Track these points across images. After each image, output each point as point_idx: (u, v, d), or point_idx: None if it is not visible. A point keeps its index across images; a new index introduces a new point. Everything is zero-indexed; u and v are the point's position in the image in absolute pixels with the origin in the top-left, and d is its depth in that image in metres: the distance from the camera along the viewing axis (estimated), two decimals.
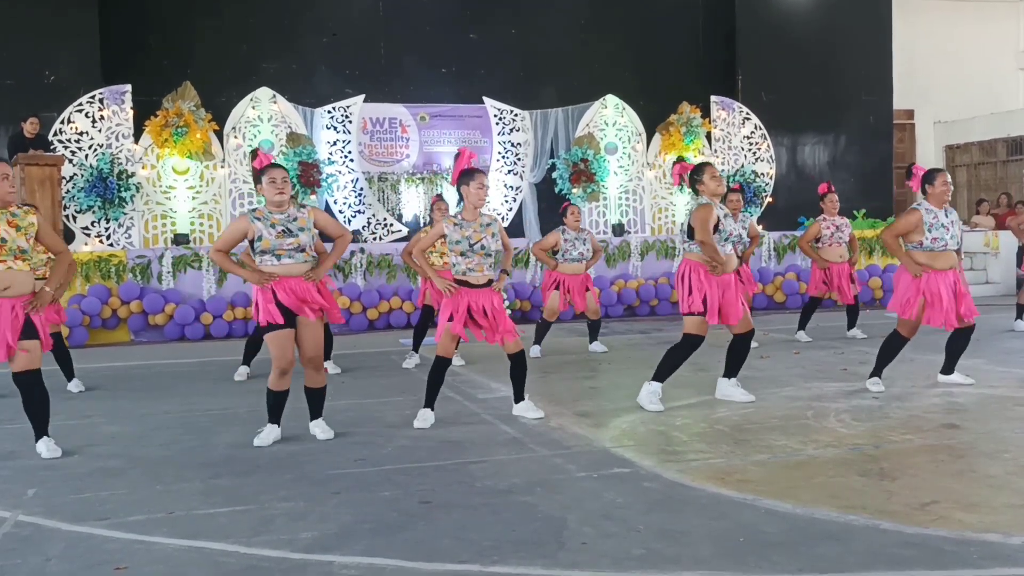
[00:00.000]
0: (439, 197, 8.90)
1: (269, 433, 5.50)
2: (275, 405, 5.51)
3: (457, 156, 6.03)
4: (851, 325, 9.97)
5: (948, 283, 6.48)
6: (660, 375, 6.23)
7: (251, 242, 5.40)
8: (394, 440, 5.51)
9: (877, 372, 6.75)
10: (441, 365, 5.90)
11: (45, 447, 5.33)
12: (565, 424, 5.84)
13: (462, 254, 5.84)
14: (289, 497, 4.38)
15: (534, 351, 8.96)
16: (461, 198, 5.94)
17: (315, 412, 5.68)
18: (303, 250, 5.37)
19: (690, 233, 6.13)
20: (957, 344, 6.77)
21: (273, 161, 5.95)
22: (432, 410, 5.93)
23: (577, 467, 4.79)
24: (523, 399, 6.11)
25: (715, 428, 5.64)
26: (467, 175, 5.84)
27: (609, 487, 4.41)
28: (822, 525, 3.79)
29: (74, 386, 7.68)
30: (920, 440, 5.21)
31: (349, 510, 4.15)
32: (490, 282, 5.90)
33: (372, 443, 5.45)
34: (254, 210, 5.44)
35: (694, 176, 6.25)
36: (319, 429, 5.64)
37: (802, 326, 9.90)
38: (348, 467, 4.91)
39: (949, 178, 6.64)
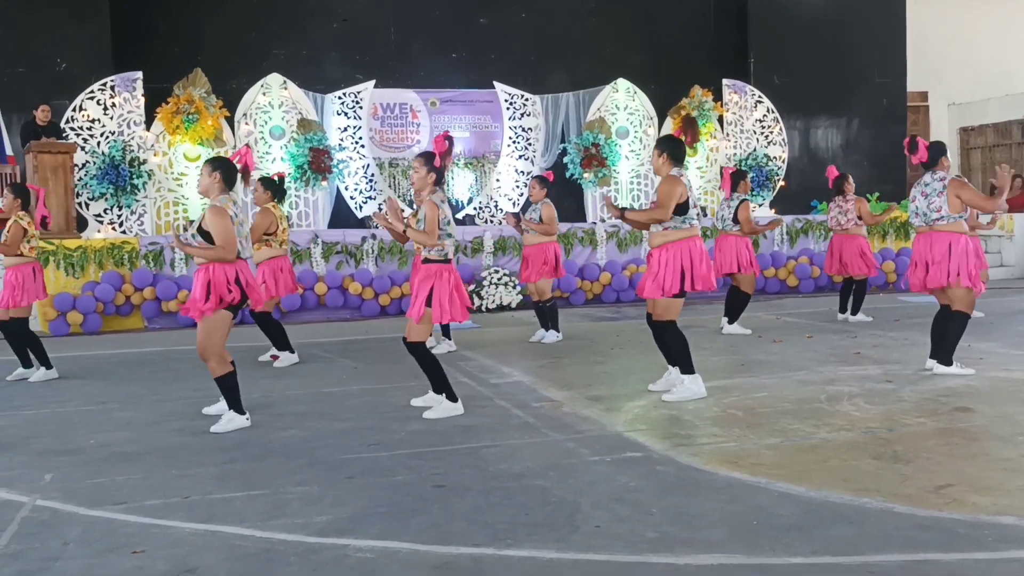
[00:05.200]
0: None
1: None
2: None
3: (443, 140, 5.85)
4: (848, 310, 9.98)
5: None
6: None
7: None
8: (407, 425, 5.53)
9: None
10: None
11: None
12: (577, 408, 5.85)
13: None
14: (303, 481, 4.40)
15: (551, 336, 8.96)
16: (440, 178, 5.78)
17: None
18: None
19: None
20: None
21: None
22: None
23: (590, 451, 4.80)
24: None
25: (727, 412, 5.64)
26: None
27: (622, 471, 4.42)
28: (836, 508, 3.79)
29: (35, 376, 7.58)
30: (934, 423, 5.20)
31: (363, 494, 4.17)
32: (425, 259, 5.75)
33: (385, 428, 5.47)
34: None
35: None
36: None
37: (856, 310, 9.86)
38: (362, 452, 4.93)
39: None
